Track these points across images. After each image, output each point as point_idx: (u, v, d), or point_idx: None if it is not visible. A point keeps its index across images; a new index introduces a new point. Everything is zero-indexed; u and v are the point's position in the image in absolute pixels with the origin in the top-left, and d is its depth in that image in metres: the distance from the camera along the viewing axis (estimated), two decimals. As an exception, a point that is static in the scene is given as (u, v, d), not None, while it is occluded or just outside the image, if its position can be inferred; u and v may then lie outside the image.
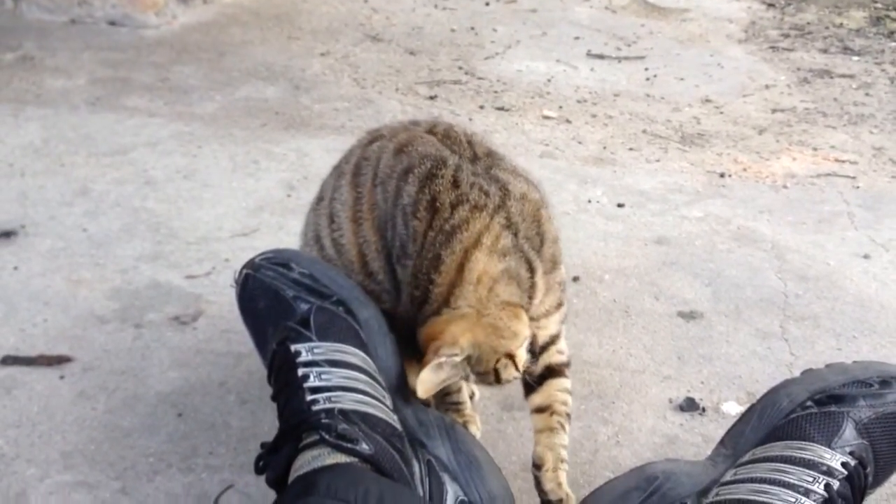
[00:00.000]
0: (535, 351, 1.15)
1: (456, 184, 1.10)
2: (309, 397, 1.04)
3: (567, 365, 1.21)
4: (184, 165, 2.21)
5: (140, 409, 1.35)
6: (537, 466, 1.13)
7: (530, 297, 1.09)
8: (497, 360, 1.07)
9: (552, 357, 1.18)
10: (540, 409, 1.17)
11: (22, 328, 1.53)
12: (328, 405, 1.03)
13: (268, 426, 1.29)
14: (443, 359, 1.03)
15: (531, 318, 1.11)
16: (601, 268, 1.82)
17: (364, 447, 1.00)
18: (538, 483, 1.13)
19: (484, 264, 1.05)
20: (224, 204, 2.02)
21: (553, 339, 1.18)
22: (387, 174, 1.17)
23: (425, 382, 1.03)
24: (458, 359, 1.04)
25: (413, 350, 1.21)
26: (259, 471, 1.04)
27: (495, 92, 2.90)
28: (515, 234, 1.08)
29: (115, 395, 1.38)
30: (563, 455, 1.14)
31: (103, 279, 1.69)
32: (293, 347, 1.09)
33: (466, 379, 1.12)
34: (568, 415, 1.17)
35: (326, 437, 1.00)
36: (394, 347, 1.15)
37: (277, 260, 1.19)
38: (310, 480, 0.95)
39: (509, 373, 1.09)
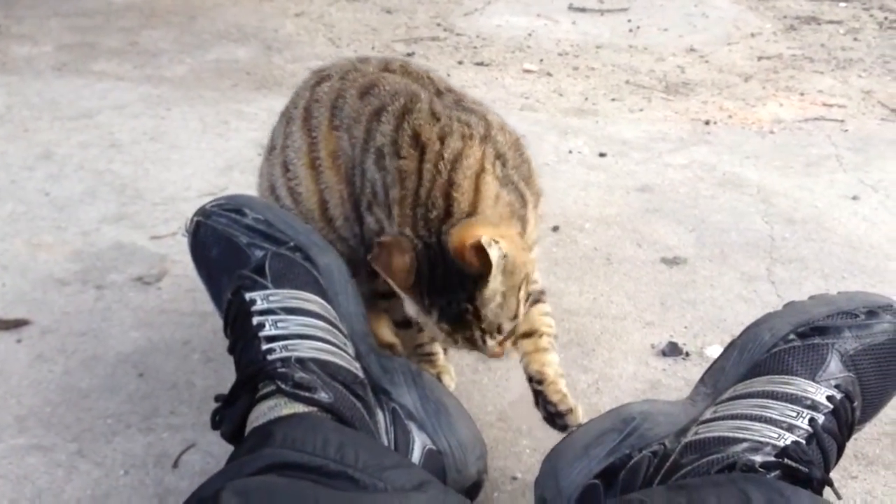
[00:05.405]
0: None
1: (435, 116, 1.04)
2: (265, 346, 0.99)
3: (543, 292, 1.16)
4: (151, 127, 2.14)
5: (99, 371, 1.29)
6: (539, 381, 1.07)
7: (523, 231, 1.04)
8: (523, 278, 1.00)
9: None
10: (526, 335, 1.11)
11: (-22, 293, 1.47)
12: (284, 354, 0.98)
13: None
14: (492, 240, 0.93)
15: None
16: (582, 216, 1.76)
17: (322, 396, 0.94)
18: (542, 396, 1.07)
19: (495, 187, 1.00)
20: (192, 164, 1.95)
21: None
22: (353, 118, 1.11)
23: (496, 261, 0.93)
24: (503, 249, 0.94)
25: (377, 297, 1.16)
26: (215, 425, 0.99)
27: (474, 47, 2.83)
28: (504, 165, 1.04)
29: (73, 357, 1.32)
30: (561, 371, 1.09)
31: (64, 242, 1.63)
32: (248, 296, 1.03)
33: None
34: (555, 336, 1.13)
35: (283, 386, 0.94)
36: (356, 293, 1.10)
37: (230, 206, 1.12)
38: (266, 431, 0.90)
39: (521, 307, 1.02)
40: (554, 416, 1.07)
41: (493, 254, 0.92)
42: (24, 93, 2.35)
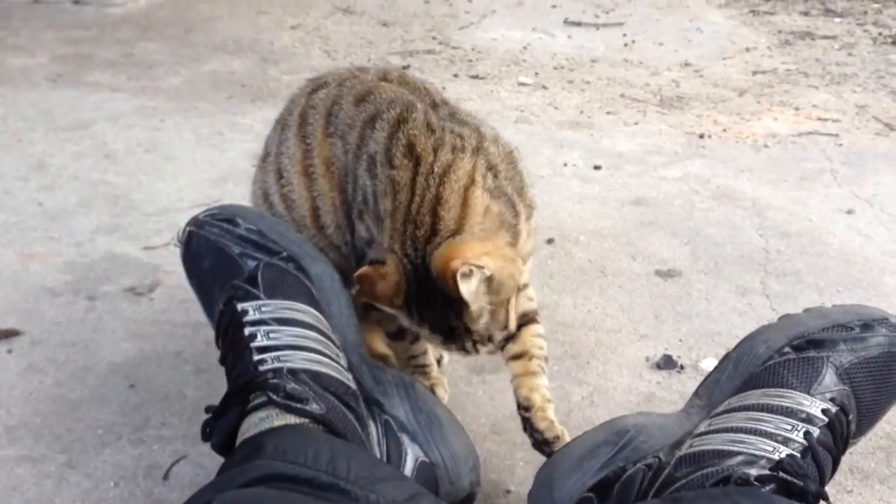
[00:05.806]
0: None
1: (430, 128, 1.04)
2: (256, 357, 0.98)
3: (536, 311, 1.15)
4: (146, 139, 2.14)
5: (90, 381, 1.28)
6: (526, 408, 1.07)
7: (515, 242, 1.04)
8: (513, 290, 1.00)
9: (523, 304, 1.12)
10: (517, 356, 1.11)
11: (-31, 303, 1.46)
12: (276, 364, 0.97)
13: (224, 395, 1.23)
14: (471, 267, 0.92)
15: None
16: (576, 229, 1.76)
17: (314, 407, 0.94)
18: (529, 424, 1.07)
19: (485, 200, 1.00)
20: (186, 175, 1.95)
21: (524, 287, 1.12)
22: (348, 125, 1.10)
23: (470, 293, 0.93)
24: (486, 272, 0.93)
25: (369, 308, 1.15)
26: (206, 437, 0.98)
27: (470, 61, 2.84)
28: (496, 176, 1.03)
29: (64, 368, 1.31)
30: (548, 395, 1.09)
31: (57, 252, 1.62)
32: (240, 306, 1.03)
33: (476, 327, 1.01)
34: (546, 358, 1.12)
35: (274, 397, 0.93)
36: (348, 303, 1.09)
37: (222, 216, 1.12)
38: (257, 443, 0.89)
39: (511, 318, 1.02)
40: (541, 444, 1.07)
41: (465, 288, 0.92)
42: (19, 103, 2.34)
